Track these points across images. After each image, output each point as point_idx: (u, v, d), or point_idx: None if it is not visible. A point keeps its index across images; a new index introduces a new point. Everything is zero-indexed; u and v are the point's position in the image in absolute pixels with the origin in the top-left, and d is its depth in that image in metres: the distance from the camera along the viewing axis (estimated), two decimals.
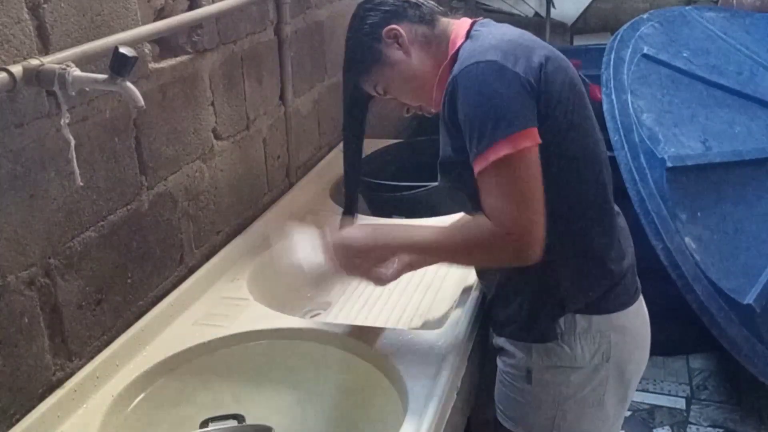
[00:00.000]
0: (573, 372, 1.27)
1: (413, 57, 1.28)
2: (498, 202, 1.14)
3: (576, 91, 1.22)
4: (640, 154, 2.17)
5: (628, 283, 1.30)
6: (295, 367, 1.37)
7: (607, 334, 1.27)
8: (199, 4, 1.50)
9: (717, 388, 2.51)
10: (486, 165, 1.12)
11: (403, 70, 1.28)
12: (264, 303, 1.48)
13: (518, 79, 1.13)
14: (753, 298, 2.04)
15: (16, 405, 1.12)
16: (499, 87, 1.13)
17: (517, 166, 1.12)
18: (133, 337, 1.32)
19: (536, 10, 3.66)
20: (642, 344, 1.35)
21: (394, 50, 1.28)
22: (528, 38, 1.23)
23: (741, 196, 2.18)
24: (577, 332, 1.26)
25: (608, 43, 2.49)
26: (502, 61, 1.14)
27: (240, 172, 1.74)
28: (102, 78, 1.04)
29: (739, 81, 2.41)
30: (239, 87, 1.71)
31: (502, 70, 1.13)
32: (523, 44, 1.19)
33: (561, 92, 1.18)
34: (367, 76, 1.32)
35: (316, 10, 2.10)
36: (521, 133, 1.11)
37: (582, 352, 1.26)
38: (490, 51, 1.16)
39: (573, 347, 1.26)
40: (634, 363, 1.33)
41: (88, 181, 1.24)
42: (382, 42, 1.28)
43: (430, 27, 1.29)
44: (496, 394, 1.37)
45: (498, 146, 1.11)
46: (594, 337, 1.26)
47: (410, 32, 1.28)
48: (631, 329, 1.30)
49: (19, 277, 1.12)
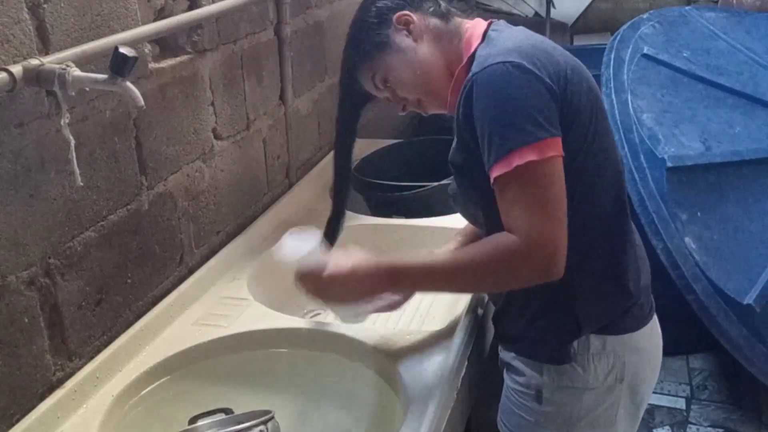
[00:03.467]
0: (585, 393, 1.23)
1: (423, 47, 1.22)
2: (522, 212, 1.06)
3: (598, 105, 1.16)
4: (640, 154, 2.17)
5: (643, 302, 1.25)
6: (295, 368, 1.37)
7: (621, 355, 1.22)
8: (199, 4, 1.50)
9: (717, 388, 2.50)
10: (507, 170, 1.05)
11: (410, 59, 1.21)
12: (264, 303, 1.48)
13: (544, 84, 1.07)
14: (753, 298, 2.04)
15: (16, 405, 1.12)
16: (526, 89, 1.06)
17: (542, 175, 1.05)
18: (133, 337, 1.32)
19: (536, 10, 3.66)
20: (654, 364, 1.30)
21: (403, 37, 1.22)
22: (549, 44, 1.16)
23: (741, 196, 2.18)
24: (591, 353, 1.20)
25: (608, 43, 2.49)
26: (528, 64, 1.07)
27: (240, 172, 1.74)
28: (102, 78, 1.04)
29: (739, 81, 2.41)
30: (239, 87, 1.71)
31: (529, 73, 1.06)
32: (546, 50, 1.12)
33: (584, 104, 1.12)
34: (370, 63, 1.24)
35: (316, 10, 2.10)
36: (548, 141, 1.05)
37: (595, 373, 1.21)
38: (513, 52, 1.09)
39: (586, 368, 1.21)
40: (647, 382, 1.29)
41: (88, 181, 1.23)
42: (391, 26, 1.22)
43: (444, 22, 1.24)
44: (500, 407, 1.33)
45: (523, 151, 1.04)
46: (608, 357, 1.21)
47: (423, 22, 1.23)
48: (645, 349, 1.26)
49: (19, 277, 1.12)
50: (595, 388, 1.22)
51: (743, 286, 2.06)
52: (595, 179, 1.17)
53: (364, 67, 1.25)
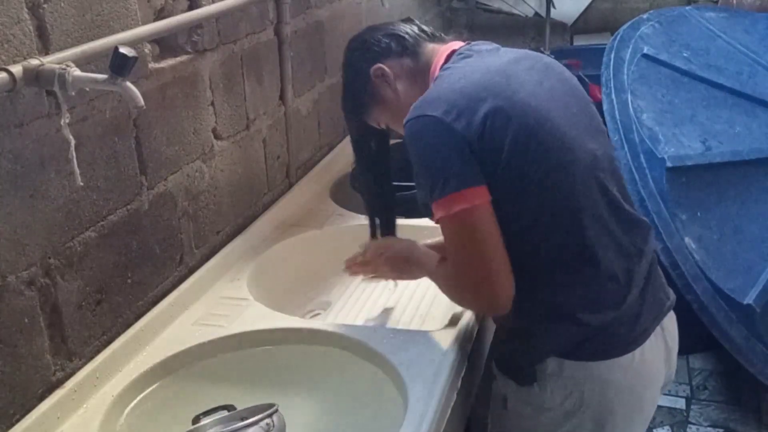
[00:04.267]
0: (543, 412, 1.24)
1: (401, 92, 1.31)
2: (457, 255, 1.18)
3: (536, 141, 1.14)
4: (640, 154, 2.17)
5: (616, 332, 1.20)
6: (295, 368, 1.37)
7: (580, 382, 1.20)
8: (199, 4, 1.50)
9: (717, 388, 2.51)
10: (441, 216, 1.15)
11: (394, 107, 1.31)
12: (264, 303, 1.48)
13: (456, 138, 1.12)
14: (753, 298, 2.04)
15: (16, 405, 1.12)
16: (439, 146, 1.13)
17: (469, 222, 1.13)
18: (133, 337, 1.32)
19: (536, 10, 3.66)
20: (630, 401, 1.23)
21: (384, 88, 1.32)
22: (490, 81, 1.17)
23: (741, 196, 2.19)
24: (548, 373, 1.21)
25: (608, 43, 2.49)
26: (442, 116, 1.13)
27: (240, 172, 1.74)
28: (102, 78, 1.04)
29: (739, 81, 2.41)
30: (239, 87, 1.71)
31: (441, 126, 1.13)
32: (474, 95, 1.15)
33: (510, 147, 1.13)
34: (368, 115, 1.37)
35: (316, 10, 2.10)
36: (468, 191, 1.12)
37: (552, 395, 1.22)
38: (434, 103, 1.16)
39: (543, 388, 1.22)
40: (619, 417, 1.23)
41: (88, 181, 1.23)
42: (371, 81, 1.31)
43: (415, 59, 1.31)
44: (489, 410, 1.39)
45: (447, 201, 1.13)
46: (565, 383, 1.21)
47: (396, 67, 1.31)
48: (613, 383, 1.21)
49: (19, 277, 1.12)
50: (551, 409, 1.23)
51: (743, 286, 2.06)
52: (534, 218, 1.17)
53: (366, 117, 1.39)
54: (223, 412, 1.16)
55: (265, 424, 1.07)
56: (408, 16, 1.43)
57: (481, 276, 1.15)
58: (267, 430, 1.07)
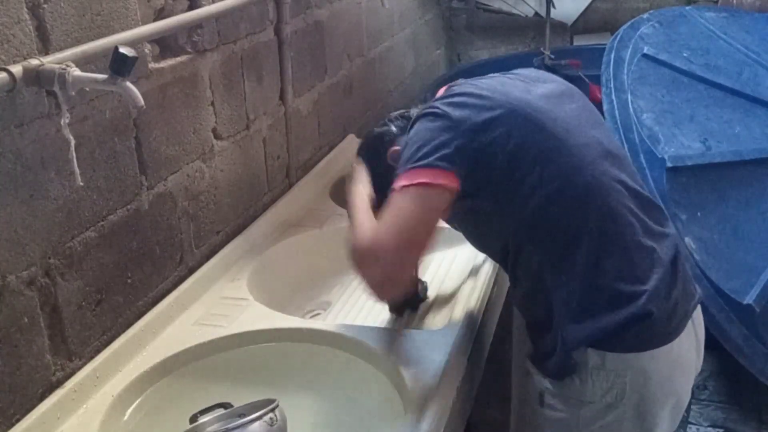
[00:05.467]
0: (583, 406, 1.24)
1: None
2: (389, 216, 1.18)
3: (539, 128, 1.21)
4: (640, 154, 2.17)
5: (656, 322, 1.21)
6: (295, 368, 1.37)
7: (622, 374, 1.21)
8: (199, 4, 1.50)
9: (717, 388, 2.50)
10: (402, 185, 1.18)
11: None
12: (264, 303, 1.48)
13: (453, 121, 1.20)
14: (753, 298, 2.04)
15: (15, 405, 1.12)
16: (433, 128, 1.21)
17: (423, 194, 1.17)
18: (133, 337, 1.32)
19: (536, 10, 3.66)
20: (670, 390, 1.26)
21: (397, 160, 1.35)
22: (488, 85, 1.26)
23: (741, 196, 2.19)
24: (590, 367, 1.21)
25: (608, 43, 2.49)
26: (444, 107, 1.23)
27: (240, 172, 1.74)
28: (102, 78, 1.04)
29: (739, 81, 2.41)
30: (239, 87, 1.71)
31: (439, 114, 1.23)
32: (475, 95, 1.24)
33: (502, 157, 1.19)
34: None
35: (316, 10, 2.10)
36: (439, 171, 1.16)
37: (593, 388, 1.22)
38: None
39: (584, 381, 1.22)
40: (659, 406, 1.25)
41: (88, 181, 1.24)
42: (387, 160, 1.37)
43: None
44: (512, 408, 1.38)
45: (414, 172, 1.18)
46: (608, 375, 1.21)
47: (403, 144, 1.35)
48: (654, 373, 1.23)
49: (19, 277, 1.12)
50: (593, 402, 1.23)
51: (743, 286, 2.06)
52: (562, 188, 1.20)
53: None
54: (220, 409, 1.16)
55: (269, 419, 1.07)
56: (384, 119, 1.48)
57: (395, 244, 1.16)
58: (271, 424, 1.07)
